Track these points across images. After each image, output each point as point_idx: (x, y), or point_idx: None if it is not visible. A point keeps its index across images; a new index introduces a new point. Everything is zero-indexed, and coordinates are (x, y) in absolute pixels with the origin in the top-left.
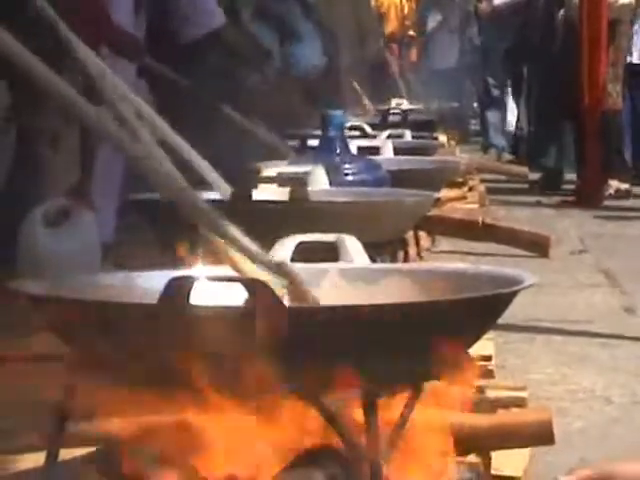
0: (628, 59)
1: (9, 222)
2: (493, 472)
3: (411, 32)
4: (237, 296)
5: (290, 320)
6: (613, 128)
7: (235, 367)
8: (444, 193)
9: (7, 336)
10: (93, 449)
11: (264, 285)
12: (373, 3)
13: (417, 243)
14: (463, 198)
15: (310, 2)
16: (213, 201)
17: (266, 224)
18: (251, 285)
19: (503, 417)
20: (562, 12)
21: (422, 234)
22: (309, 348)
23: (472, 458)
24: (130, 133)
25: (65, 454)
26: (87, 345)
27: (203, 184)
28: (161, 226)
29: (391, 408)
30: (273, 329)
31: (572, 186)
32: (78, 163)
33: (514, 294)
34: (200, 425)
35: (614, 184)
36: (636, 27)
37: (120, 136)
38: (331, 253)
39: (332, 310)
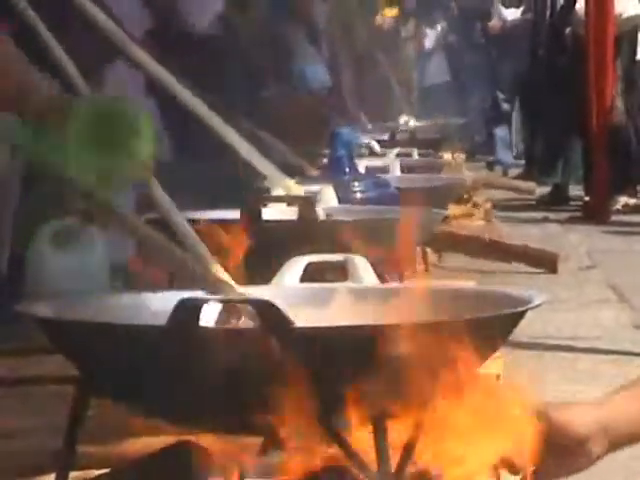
0: None
1: (19, 241)
2: None
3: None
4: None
5: (299, 341)
6: (621, 142)
7: (244, 388)
8: (451, 210)
9: (16, 358)
10: (103, 471)
11: (273, 306)
12: (379, 20)
13: (424, 260)
14: (470, 215)
15: (316, 21)
16: (221, 220)
17: (275, 243)
18: (260, 306)
19: None
20: (569, 29)
21: (429, 251)
22: (318, 369)
23: None
24: None
25: (75, 477)
26: (96, 367)
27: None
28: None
29: (401, 428)
30: (282, 350)
31: (580, 202)
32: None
33: (523, 314)
34: (209, 446)
35: (622, 199)
36: None
37: None
38: (340, 273)
39: (341, 330)
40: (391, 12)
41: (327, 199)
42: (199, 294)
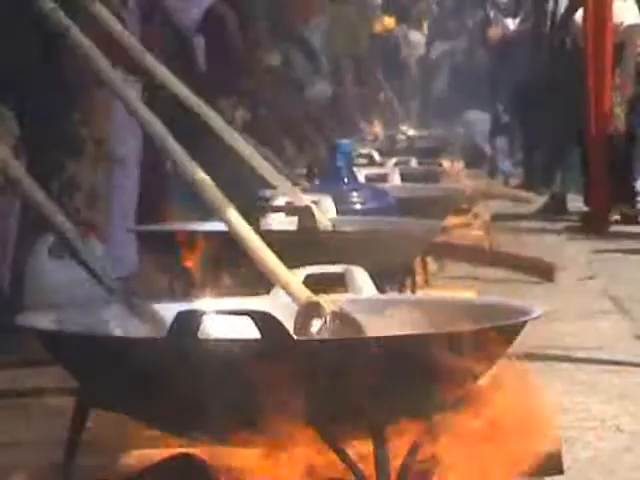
0: None
1: (17, 254)
2: None
3: None
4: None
5: (298, 353)
6: (619, 151)
7: (243, 400)
8: (450, 220)
9: (15, 370)
10: None
11: (273, 318)
12: (379, 28)
13: (424, 270)
14: (469, 224)
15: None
16: (220, 231)
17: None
18: (260, 318)
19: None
20: (568, 39)
21: (429, 260)
22: (318, 380)
23: None
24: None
25: None
26: (96, 379)
27: None
28: (175, 257)
29: (402, 440)
30: (281, 362)
31: (579, 211)
32: (88, 196)
33: (522, 325)
34: (210, 458)
35: (620, 209)
36: None
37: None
38: (339, 284)
39: (340, 343)
40: (391, 23)
41: (325, 210)
42: (198, 306)
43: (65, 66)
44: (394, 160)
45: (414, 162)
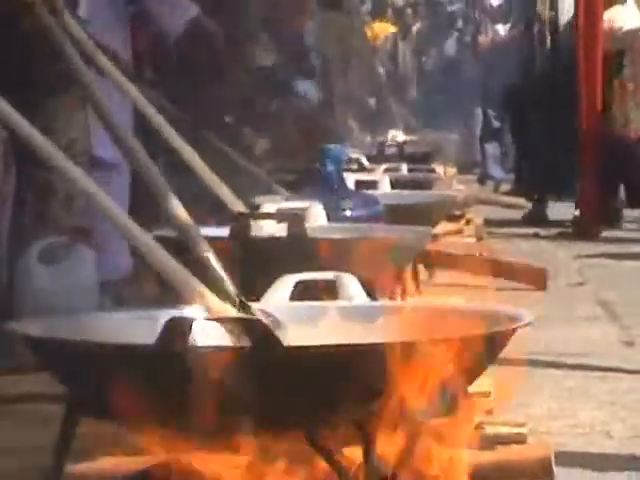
0: None
1: (8, 258)
2: None
3: None
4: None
5: (288, 359)
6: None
7: (233, 405)
8: (441, 226)
9: (4, 376)
10: None
11: (262, 325)
12: (369, 34)
13: (415, 277)
14: (460, 231)
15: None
16: (211, 238)
17: (264, 260)
18: (250, 325)
19: (503, 454)
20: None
21: (420, 268)
22: (307, 386)
23: None
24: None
25: None
26: (85, 385)
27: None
28: None
29: (392, 445)
30: (271, 368)
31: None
32: (64, 200)
33: (512, 332)
34: (198, 463)
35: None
36: None
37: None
38: (330, 291)
39: (329, 349)
40: (382, 28)
41: (315, 216)
42: (188, 313)
43: (30, 67)
44: (384, 166)
45: (405, 168)
